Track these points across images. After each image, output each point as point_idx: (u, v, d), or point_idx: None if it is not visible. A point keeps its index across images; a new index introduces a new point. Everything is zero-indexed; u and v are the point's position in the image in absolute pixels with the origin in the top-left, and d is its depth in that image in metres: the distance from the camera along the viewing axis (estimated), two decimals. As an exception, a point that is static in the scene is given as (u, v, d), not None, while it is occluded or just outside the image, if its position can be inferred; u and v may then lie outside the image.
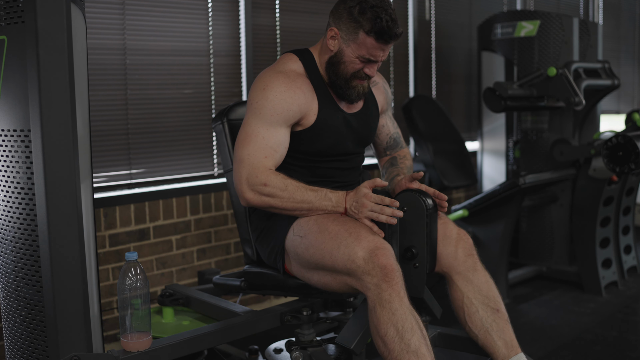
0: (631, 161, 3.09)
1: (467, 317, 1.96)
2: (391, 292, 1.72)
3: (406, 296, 1.75)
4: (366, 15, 1.91)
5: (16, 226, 1.74)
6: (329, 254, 1.83)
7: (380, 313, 1.72)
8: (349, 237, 1.80)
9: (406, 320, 1.71)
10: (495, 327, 1.93)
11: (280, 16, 3.54)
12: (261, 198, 1.89)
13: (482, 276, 1.99)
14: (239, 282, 2.19)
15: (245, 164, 1.90)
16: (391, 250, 1.78)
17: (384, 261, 1.74)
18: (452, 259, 1.99)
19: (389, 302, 1.72)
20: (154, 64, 3.07)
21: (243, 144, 1.93)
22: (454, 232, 2.02)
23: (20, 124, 1.69)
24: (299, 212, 1.91)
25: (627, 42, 6.39)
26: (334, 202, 1.90)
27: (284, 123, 1.95)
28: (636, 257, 4.02)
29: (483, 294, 1.97)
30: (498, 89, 3.49)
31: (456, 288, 1.99)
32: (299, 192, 1.89)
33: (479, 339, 1.95)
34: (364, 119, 2.13)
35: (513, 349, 1.92)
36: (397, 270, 1.75)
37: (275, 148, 1.93)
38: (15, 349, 1.81)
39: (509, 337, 1.94)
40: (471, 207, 3.61)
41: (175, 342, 1.92)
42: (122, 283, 1.78)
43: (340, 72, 2.00)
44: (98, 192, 2.90)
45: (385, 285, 1.73)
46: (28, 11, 1.63)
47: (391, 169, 2.25)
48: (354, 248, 1.78)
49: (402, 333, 1.70)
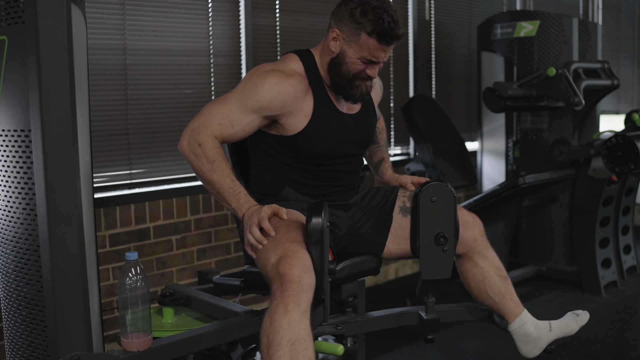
0: (630, 161, 3.09)
1: (489, 288, 2.21)
2: (279, 302, 1.70)
3: (297, 310, 1.68)
4: (368, 16, 1.92)
5: (16, 226, 1.74)
6: (257, 257, 1.89)
7: (264, 320, 1.72)
8: (270, 242, 1.83)
9: (277, 334, 1.66)
10: (508, 291, 2.23)
11: (280, 16, 3.54)
12: (189, 153, 1.92)
13: (492, 252, 2.24)
14: (239, 282, 2.19)
15: (200, 118, 1.94)
16: (302, 260, 1.74)
17: (284, 270, 1.72)
18: (472, 241, 2.18)
19: (273, 311, 1.70)
20: (154, 64, 3.07)
21: (214, 102, 1.98)
22: (469, 216, 2.20)
23: (21, 124, 1.69)
24: (210, 187, 1.94)
25: (627, 42, 6.39)
26: (239, 204, 1.92)
27: (259, 111, 1.96)
28: (635, 257, 4.02)
29: (496, 266, 2.23)
30: (498, 89, 3.50)
31: (475, 265, 2.21)
32: (220, 174, 1.91)
33: (497, 304, 2.22)
34: (363, 120, 2.13)
35: (520, 307, 2.25)
36: (296, 282, 1.70)
37: (234, 124, 1.95)
38: (16, 349, 1.81)
39: (516, 298, 2.25)
40: (471, 207, 3.61)
41: (175, 342, 1.92)
42: (122, 283, 1.78)
43: (342, 73, 2.01)
44: (98, 192, 2.90)
45: (277, 294, 1.71)
46: (28, 11, 1.63)
47: (373, 147, 2.37)
48: (269, 254, 1.80)
49: (270, 345, 1.67)
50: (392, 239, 2.15)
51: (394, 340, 3.04)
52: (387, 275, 4.16)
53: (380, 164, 2.36)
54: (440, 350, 2.93)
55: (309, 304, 1.72)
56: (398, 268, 4.22)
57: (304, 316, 1.70)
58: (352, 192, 2.18)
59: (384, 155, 2.37)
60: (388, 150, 2.39)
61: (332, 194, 2.12)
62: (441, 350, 2.93)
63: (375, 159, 2.37)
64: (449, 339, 3.02)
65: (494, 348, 2.94)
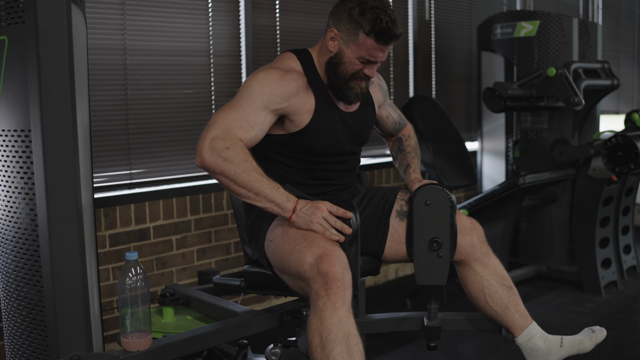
0: (630, 161, 3.09)
1: (489, 297, 2.13)
2: (326, 301, 1.71)
3: (344, 307, 1.71)
4: (366, 16, 1.92)
5: (16, 226, 1.74)
6: (286, 257, 1.86)
7: (312, 320, 1.72)
8: (303, 242, 1.81)
9: (331, 331, 1.68)
10: (512, 302, 2.14)
11: (280, 16, 3.54)
12: (217, 160, 1.79)
13: (494, 259, 2.17)
14: (239, 282, 2.19)
15: (218, 126, 1.83)
16: (340, 258, 1.76)
17: (326, 268, 1.72)
18: (470, 247, 2.11)
19: (321, 310, 1.71)
20: (154, 64, 3.07)
21: (223, 110, 1.88)
22: (468, 222, 2.14)
23: (21, 124, 1.69)
24: (246, 191, 1.83)
25: (627, 42, 6.39)
26: (287, 197, 1.86)
27: (268, 106, 1.92)
28: (635, 257, 4.02)
29: (498, 274, 2.15)
30: (498, 89, 3.50)
31: (474, 273, 2.14)
32: (256, 172, 1.83)
33: (499, 314, 2.14)
34: (361, 118, 2.14)
35: (527, 319, 2.15)
36: (340, 280, 1.72)
37: (252, 125, 1.88)
38: (16, 349, 1.81)
39: (522, 309, 2.16)
40: (471, 207, 3.61)
41: (175, 342, 1.93)
42: (122, 283, 1.78)
43: (339, 73, 2.01)
44: (98, 192, 2.90)
45: (322, 292, 1.72)
46: (28, 11, 1.64)
47: (400, 156, 2.35)
48: (304, 253, 1.79)
49: (325, 343, 1.68)
50: (389, 243, 2.14)
51: (393, 341, 3.04)
52: (387, 275, 4.16)
53: (406, 169, 2.31)
54: (440, 351, 2.93)
55: (351, 300, 1.75)
56: (398, 268, 4.22)
57: (350, 312, 1.73)
58: (349, 190, 2.18)
59: (409, 162, 2.31)
60: (417, 157, 2.33)
61: (329, 192, 2.12)
62: (441, 351, 2.93)
63: (402, 166, 2.34)
64: (449, 340, 3.02)
65: (494, 349, 2.94)
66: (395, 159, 2.38)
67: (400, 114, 2.41)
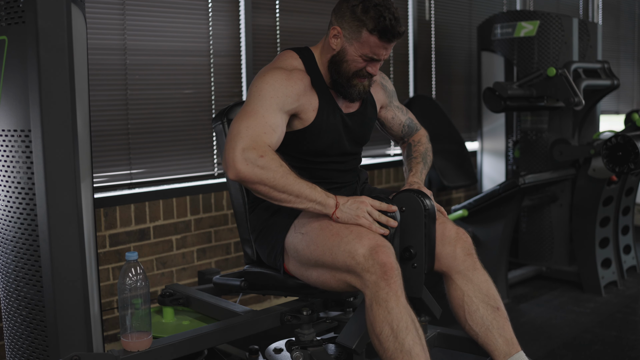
0: (630, 161, 3.09)
1: (468, 315, 1.97)
2: (388, 291, 1.73)
3: (403, 295, 1.75)
4: (369, 13, 1.92)
5: (16, 226, 1.74)
6: (330, 250, 1.83)
7: (377, 311, 1.73)
8: (350, 235, 1.81)
9: (401, 320, 1.72)
10: (495, 325, 1.94)
11: (280, 16, 3.54)
12: (254, 170, 1.77)
13: (481, 275, 2.00)
14: (239, 282, 2.19)
15: (243, 136, 1.80)
16: (392, 249, 1.79)
17: (383, 259, 1.74)
18: (451, 258, 2.00)
19: (385, 300, 1.72)
20: (154, 64, 3.07)
21: (242, 119, 1.85)
22: (453, 231, 2.03)
23: (21, 124, 1.69)
24: (287, 195, 1.82)
25: (627, 42, 6.39)
26: (325, 196, 1.85)
27: (283, 108, 1.92)
28: (635, 257, 4.02)
29: (483, 292, 1.98)
30: (498, 89, 3.50)
31: (456, 287, 1.99)
32: (292, 176, 1.82)
33: (480, 337, 1.96)
34: (361, 118, 2.14)
35: (513, 347, 1.93)
36: (397, 269, 1.76)
37: (274, 128, 1.88)
38: (16, 349, 1.81)
39: (509, 335, 1.95)
40: (471, 207, 3.61)
41: (175, 342, 1.93)
42: (122, 283, 1.78)
43: (342, 71, 2.00)
44: (98, 192, 2.90)
45: (383, 283, 1.73)
46: (28, 11, 1.64)
47: (407, 161, 2.30)
48: (354, 245, 1.78)
49: (397, 332, 1.71)
50: None
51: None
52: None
53: (407, 174, 2.28)
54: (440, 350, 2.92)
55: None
56: (398, 268, 4.21)
57: (407, 300, 1.77)
58: (349, 189, 2.18)
59: (412, 166, 2.27)
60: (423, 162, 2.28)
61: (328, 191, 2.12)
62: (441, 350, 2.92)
63: (406, 172, 2.31)
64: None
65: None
66: (405, 162, 2.33)
67: (412, 117, 2.35)
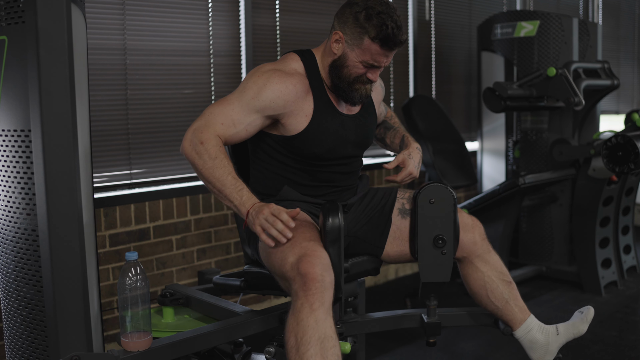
0: (630, 161, 3.09)
1: (490, 293, 2.16)
2: (304, 302, 1.70)
3: (322, 308, 1.70)
4: (372, 21, 1.91)
5: (16, 226, 1.74)
6: (271, 258, 1.88)
7: (289, 320, 1.72)
8: (287, 243, 1.82)
9: (306, 333, 1.67)
10: (511, 297, 2.18)
11: (280, 16, 3.54)
12: (191, 152, 1.88)
13: (494, 256, 2.19)
14: (239, 282, 2.19)
15: (203, 118, 1.92)
16: (322, 259, 1.76)
17: (306, 269, 1.72)
18: (472, 244, 2.14)
19: (298, 311, 1.70)
20: (154, 64, 3.07)
21: (216, 104, 1.96)
22: (469, 219, 2.17)
23: (21, 124, 1.69)
24: (211, 186, 1.90)
25: (627, 43, 6.39)
26: (243, 200, 1.87)
27: (261, 111, 1.95)
28: (635, 257, 4.02)
29: (498, 270, 2.18)
30: (498, 89, 3.50)
31: (476, 269, 2.17)
32: (222, 170, 1.87)
33: (500, 309, 2.17)
34: (362, 121, 2.14)
35: (526, 312, 2.19)
36: (319, 281, 1.71)
37: (236, 124, 1.93)
38: (16, 349, 1.81)
39: (521, 303, 2.20)
40: (471, 207, 3.61)
41: (175, 342, 1.93)
42: (122, 283, 1.78)
43: (343, 76, 2.01)
44: (98, 192, 2.90)
45: (301, 293, 1.71)
46: (28, 11, 1.64)
47: (390, 132, 2.37)
48: (287, 253, 1.80)
49: (299, 344, 1.67)
50: (391, 241, 2.14)
51: (393, 340, 3.04)
52: (387, 275, 4.16)
53: (402, 140, 2.33)
54: (440, 350, 2.93)
55: (331, 302, 1.74)
56: (398, 268, 4.22)
57: (328, 314, 1.72)
58: (350, 192, 2.18)
59: (403, 134, 2.34)
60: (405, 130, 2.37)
61: (330, 194, 2.13)
62: (441, 350, 2.93)
63: (397, 140, 2.35)
64: (449, 339, 3.02)
65: (493, 348, 2.94)
66: (384, 136, 2.38)
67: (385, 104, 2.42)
